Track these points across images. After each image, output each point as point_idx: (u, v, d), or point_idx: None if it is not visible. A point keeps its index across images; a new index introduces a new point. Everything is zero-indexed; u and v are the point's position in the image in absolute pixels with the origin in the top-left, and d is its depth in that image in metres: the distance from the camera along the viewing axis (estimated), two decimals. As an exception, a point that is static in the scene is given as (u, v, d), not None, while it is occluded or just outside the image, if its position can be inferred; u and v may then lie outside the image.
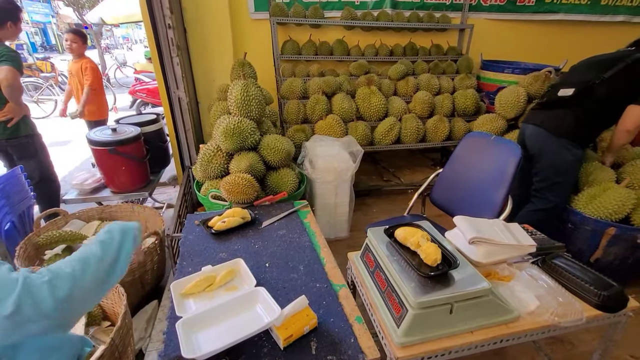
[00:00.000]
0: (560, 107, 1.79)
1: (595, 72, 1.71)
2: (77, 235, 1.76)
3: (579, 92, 1.71)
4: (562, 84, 1.83)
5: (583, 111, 1.74)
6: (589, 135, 1.84)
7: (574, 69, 1.92)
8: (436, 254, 0.95)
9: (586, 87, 1.70)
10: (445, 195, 1.81)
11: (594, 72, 1.72)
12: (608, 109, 1.73)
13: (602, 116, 1.76)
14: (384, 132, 2.79)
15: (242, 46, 2.87)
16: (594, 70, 1.73)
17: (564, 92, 1.75)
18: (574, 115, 1.76)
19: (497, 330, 0.93)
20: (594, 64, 1.78)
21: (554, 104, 1.82)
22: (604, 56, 1.79)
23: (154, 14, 2.15)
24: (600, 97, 1.70)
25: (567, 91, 1.75)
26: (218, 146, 1.84)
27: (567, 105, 1.77)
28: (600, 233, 1.81)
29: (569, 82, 1.80)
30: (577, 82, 1.75)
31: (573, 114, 1.76)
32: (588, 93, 1.71)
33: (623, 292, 1.03)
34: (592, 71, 1.74)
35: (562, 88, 1.78)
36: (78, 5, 10.89)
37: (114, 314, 1.43)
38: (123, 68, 10.38)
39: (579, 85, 1.72)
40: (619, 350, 1.62)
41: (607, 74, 1.66)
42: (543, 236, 1.27)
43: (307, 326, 0.89)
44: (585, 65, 1.83)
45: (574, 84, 1.75)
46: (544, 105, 1.88)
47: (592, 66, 1.77)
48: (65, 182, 3.54)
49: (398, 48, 3.24)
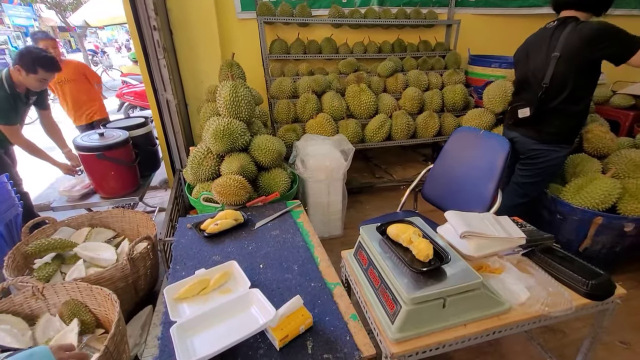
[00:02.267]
0: (530, 123, 1.78)
1: (536, 84, 1.69)
2: (67, 242, 1.74)
3: (535, 109, 1.70)
4: (517, 103, 1.81)
5: (553, 119, 1.71)
6: (574, 130, 1.80)
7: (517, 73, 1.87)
8: (428, 250, 0.96)
9: (538, 103, 1.68)
10: (436, 191, 1.83)
11: (535, 83, 1.70)
12: (572, 97, 1.64)
13: (572, 108, 1.68)
14: (375, 129, 2.80)
15: (230, 46, 2.84)
16: (533, 81, 1.71)
17: (523, 114, 1.75)
18: (549, 125, 1.73)
19: (490, 323, 0.95)
20: (531, 72, 1.73)
21: (522, 123, 1.81)
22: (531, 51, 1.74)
23: (139, 16, 2.12)
24: (556, 99, 1.65)
25: (525, 112, 1.75)
26: (208, 148, 1.82)
27: (535, 120, 1.75)
28: (588, 223, 1.85)
29: (523, 99, 1.78)
30: (528, 101, 1.73)
31: (547, 125, 1.74)
32: (543, 106, 1.69)
33: (610, 280, 1.05)
34: (533, 82, 1.71)
35: (519, 109, 1.76)
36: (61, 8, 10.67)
37: (107, 321, 1.41)
38: (109, 71, 10.21)
39: (530, 103, 1.71)
40: (608, 337, 1.66)
41: (545, 80, 1.64)
42: (532, 228, 1.29)
43: (302, 326, 0.89)
44: (524, 72, 1.78)
45: (527, 102, 1.74)
46: (516, 124, 1.86)
47: (529, 74, 1.74)
48: (53, 189, 3.49)
49: (386, 45, 3.25)
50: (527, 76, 1.76)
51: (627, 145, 2.32)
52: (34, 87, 2.08)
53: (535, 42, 1.73)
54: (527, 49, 1.78)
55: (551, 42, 1.62)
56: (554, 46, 1.60)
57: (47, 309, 1.42)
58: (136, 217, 2.03)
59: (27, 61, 1.95)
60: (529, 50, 1.76)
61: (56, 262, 1.69)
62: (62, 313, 1.37)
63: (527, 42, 1.81)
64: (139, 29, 2.16)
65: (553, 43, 1.61)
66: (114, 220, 2.05)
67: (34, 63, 1.97)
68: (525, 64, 1.77)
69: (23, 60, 1.95)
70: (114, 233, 2.01)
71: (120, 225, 2.05)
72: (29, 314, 1.39)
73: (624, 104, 3.23)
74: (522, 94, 1.82)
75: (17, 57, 1.96)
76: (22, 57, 1.96)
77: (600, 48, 1.50)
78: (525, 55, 1.78)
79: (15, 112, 2.06)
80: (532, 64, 1.72)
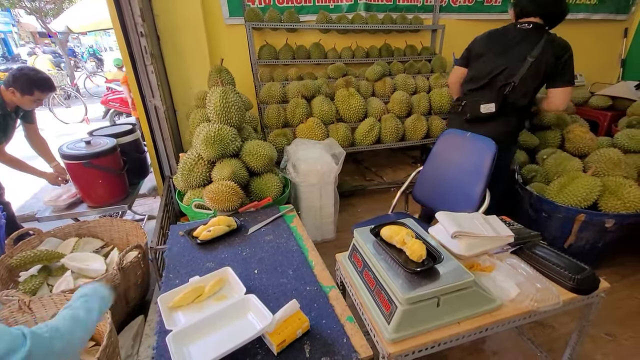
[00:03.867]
0: (489, 120, 1.79)
1: (502, 81, 1.74)
2: (54, 254, 1.69)
3: (500, 106, 1.74)
4: (477, 98, 1.81)
5: (510, 117, 1.79)
6: (520, 130, 1.93)
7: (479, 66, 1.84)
8: (421, 250, 0.98)
9: (503, 100, 1.74)
10: (426, 192, 1.86)
11: (501, 79, 1.75)
12: (529, 100, 1.77)
13: (525, 109, 1.83)
14: (365, 132, 2.84)
15: (218, 52, 2.84)
16: (500, 78, 1.75)
17: (487, 109, 1.76)
18: (506, 124, 1.80)
19: (482, 320, 0.97)
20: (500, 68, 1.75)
21: (481, 120, 1.81)
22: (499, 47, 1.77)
23: (125, 22, 2.10)
24: (518, 97, 1.74)
25: (489, 107, 1.75)
26: (199, 154, 1.81)
27: (495, 117, 1.77)
28: (572, 220, 1.92)
29: (485, 95, 1.79)
30: (491, 97, 1.76)
31: (505, 122, 1.80)
32: (506, 102, 1.75)
33: (594, 275, 1.10)
34: (500, 78, 1.75)
35: (481, 104, 1.77)
36: (41, 14, 10.40)
37: (98, 333, 1.38)
38: (93, 77, 10.02)
39: (496, 100, 1.74)
40: (594, 329, 1.72)
41: (515, 78, 1.70)
42: (520, 226, 1.33)
43: (299, 330, 0.90)
44: (488, 67, 1.79)
45: (491, 98, 1.75)
46: (471, 121, 1.84)
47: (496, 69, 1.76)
48: (37, 199, 3.38)
49: (374, 50, 3.31)
50: (492, 71, 1.77)
51: (606, 144, 2.42)
52: (27, 107, 2.03)
53: (506, 40, 1.76)
54: (494, 44, 1.79)
55: (527, 45, 1.69)
56: (530, 49, 1.67)
57: (35, 323, 1.37)
58: (125, 225, 2.00)
59: (22, 83, 1.89)
60: (498, 46, 1.77)
61: (43, 274, 1.65)
62: (51, 326, 1.33)
63: (491, 37, 1.82)
64: (126, 36, 2.14)
65: (530, 46, 1.68)
66: (102, 229, 2.00)
67: (30, 85, 1.91)
68: (491, 59, 1.78)
69: (18, 83, 1.89)
70: (102, 243, 1.97)
71: (109, 235, 2.01)
72: (15, 329, 1.35)
73: (602, 105, 3.37)
74: (485, 89, 1.81)
75: (11, 80, 1.89)
76: (16, 79, 1.89)
77: (562, 66, 1.67)
78: (491, 50, 1.79)
79: (4, 131, 2.00)
80: (503, 60, 1.74)
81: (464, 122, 1.88)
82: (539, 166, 2.36)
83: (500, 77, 1.76)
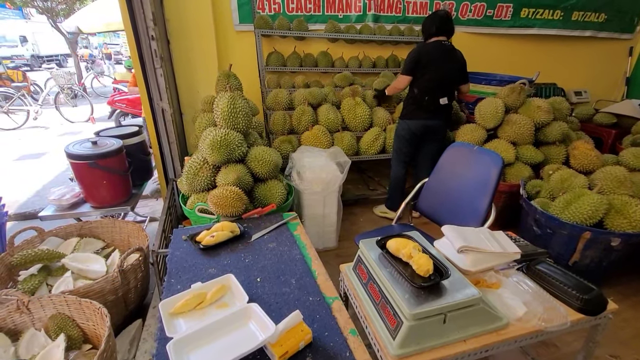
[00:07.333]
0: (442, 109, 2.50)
1: (448, 82, 2.47)
2: (54, 253, 1.68)
3: (449, 99, 2.49)
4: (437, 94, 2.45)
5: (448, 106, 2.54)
6: None
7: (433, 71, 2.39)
8: (428, 265, 0.97)
9: (450, 95, 2.52)
10: (431, 205, 1.85)
11: (448, 81, 2.46)
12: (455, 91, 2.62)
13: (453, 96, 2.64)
14: (370, 142, 2.84)
15: (227, 58, 2.86)
16: (446, 80, 2.44)
17: (443, 102, 2.46)
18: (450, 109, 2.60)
19: (489, 338, 0.96)
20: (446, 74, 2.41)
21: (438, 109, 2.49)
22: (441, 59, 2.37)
23: (137, 25, 2.12)
24: (452, 94, 2.56)
25: (445, 100, 2.46)
26: (204, 159, 1.81)
27: (446, 107, 2.51)
28: (577, 237, 1.90)
29: (441, 92, 2.45)
30: (444, 93, 2.45)
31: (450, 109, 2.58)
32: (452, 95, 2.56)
33: (602, 295, 1.08)
34: (447, 81, 2.45)
35: (440, 98, 2.44)
36: (52, 13, 10.54)
37: (95, 336, 1.36)
38: (100, 77, 10.11)
39: (446, 94, 2.47)
40: (599, 350, 1.69)
41: (454, 80, 2.51)
42: (526, 243, 1.32)
43: (302, 341, 0.88)
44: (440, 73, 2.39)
45: (445, 94, 2.46)
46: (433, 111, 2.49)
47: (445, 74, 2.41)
48: (40, 197, 3.38)
49: (381, 60, 3.33)
50: (443, 75, 2.41)
51: (611, 162, 2.41)
52: None
53: (441, 54, 2.38)
54: (434, 56, 2.37)
55: (454, 57, 2.43)
56: (457, 60, 2.45)
57: (32, 323, 1.36)
58: (127, 227, 1.99)
59: None
60: (440, 58, 2.37)
61: (42, 273, 1.64)
62: (48, 328, 1.32)
63: (431, 51, 2.38)
64: (137, 38, 2.16)
65: (456, 58, 2.44)
66: (103, 230, 2.00)
67: None
68: (439, 67, 2.38)
69: None
70: (103, 244, 1.96)
71: (111, 236, 2.00)
72: (12, 329, 1.33)
73: (606, 122, 3.36)
74: (442, 88, 2.45)
75: None
76: None
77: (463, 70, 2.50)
78: (437, 60, 2.38)
79: None
80: (446, 68, 2.40)
81: (429, 113, 2.50)
82: (544, 181, 2.35)
83: (446, 80, 2.45)
